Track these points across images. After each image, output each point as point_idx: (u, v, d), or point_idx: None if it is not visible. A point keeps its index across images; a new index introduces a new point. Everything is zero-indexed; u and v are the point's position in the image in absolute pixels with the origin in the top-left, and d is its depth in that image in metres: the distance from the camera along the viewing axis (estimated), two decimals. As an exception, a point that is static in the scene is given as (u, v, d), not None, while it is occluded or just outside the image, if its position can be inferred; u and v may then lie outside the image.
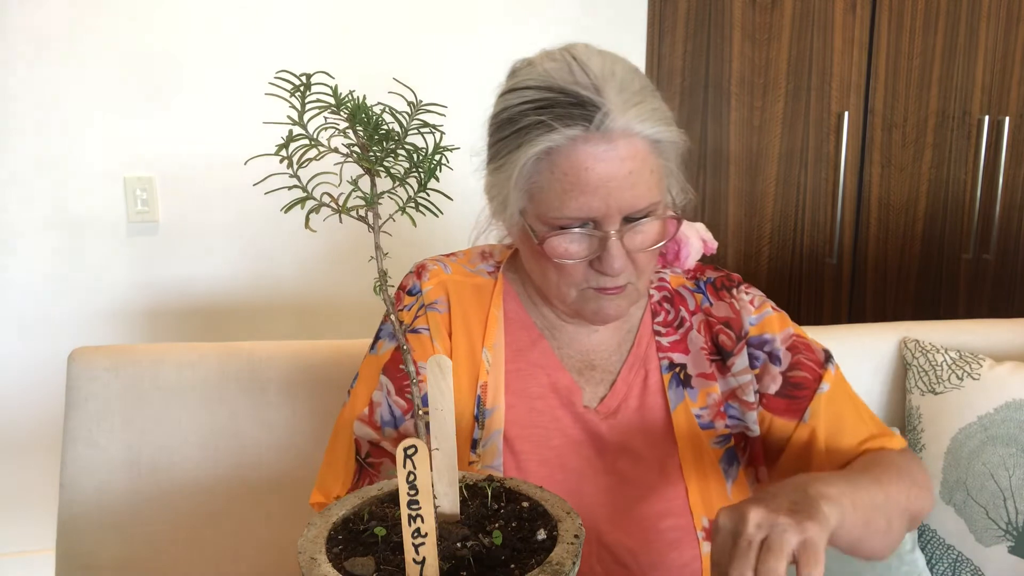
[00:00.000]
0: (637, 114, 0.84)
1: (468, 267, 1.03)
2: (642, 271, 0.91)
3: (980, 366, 1.44)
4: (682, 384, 0.98)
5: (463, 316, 0.98)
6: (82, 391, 1.30)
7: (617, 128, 0.83)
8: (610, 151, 0.83)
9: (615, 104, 0.83)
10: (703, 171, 2.37)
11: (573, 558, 0.59)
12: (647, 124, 0.85)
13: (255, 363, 1.34)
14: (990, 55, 2.40)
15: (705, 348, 0.99)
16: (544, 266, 0.90)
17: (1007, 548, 1.38)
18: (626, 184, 0.84)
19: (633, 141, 0.84)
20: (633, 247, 0.87)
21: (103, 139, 1.99)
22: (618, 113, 0.83)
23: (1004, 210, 2.48)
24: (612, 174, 0.83)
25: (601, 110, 0.82)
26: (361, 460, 0.95)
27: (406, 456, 0.57)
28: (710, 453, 0.96)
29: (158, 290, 2.08)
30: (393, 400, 0.95)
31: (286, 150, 0.60)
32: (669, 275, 1.04)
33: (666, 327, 1.00)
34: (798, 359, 0.98)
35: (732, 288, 1.01)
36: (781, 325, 0.99)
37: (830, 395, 0.97)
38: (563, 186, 0.84)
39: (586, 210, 0.84)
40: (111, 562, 1.29)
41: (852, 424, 0.97)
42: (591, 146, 0.83)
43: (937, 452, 1.43)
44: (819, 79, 2.36)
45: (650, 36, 2.25)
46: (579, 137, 0.83)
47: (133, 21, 1.96)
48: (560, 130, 0.82)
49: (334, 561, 0.59)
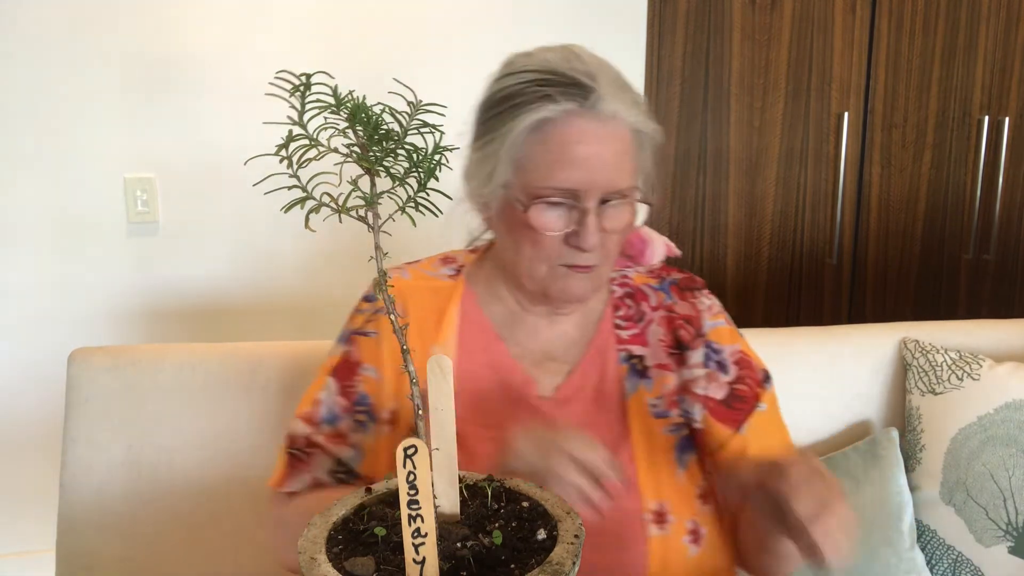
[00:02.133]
0: (625, 102, 0.91)
1: (429, 271, 1.07)
2: (608, 255, 0.96)
3: (980, 366, 1.44)
4: (638, 375, 1.01)
5: (418, 318, 1.02)
6: (82, 391, 1.30)
7: (608, 111, 0.90)
8: (600, 129, 0.90)
9: (607, 90, 0.90)
10: (703, 171, 2.37)
11: (573, 558, 0.59)
12: (632, 113, 0.92)
13: (255, 363, 1.34)
14: (990, 55, 2.40)
15: (664, 341, 1.03)
16: (520, 241, 0.94)
17: (1007, 548, 1.38)
18: (610, 163, 0.90)
19: (620, 126, 0.91)
20: (607, 227, 0.92)
21: (103, 139, 1.99)
22: (610, 98, 0.90)
23: (1004, 210, 2.48)
24: (599, 152, 0.90)
25: (596, 92, 0.89)
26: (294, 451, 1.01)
27: (406, 456, 0.57)
28: (663, 440, 0.99)
29: (158, 290, 2.08)
30: (335, 400, 1.01)
31: (286, 150, 0.60)
32: (633, 273, 1.09)
33: (627, 321, 1.04)
34: (742, 374, 1.03)
35: (695, 290, 1.07)
36: (731, 339, 1.04)
37: (766, 415, 1.02)
38: (553, 156, 0.90)
39: (571, 181, 0.90)
40: (111, 562, 1.29)
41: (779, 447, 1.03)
42: (583, 122, 0.89)
43: (937, 452, 1.43)
44: (819, 80, 2.36)
45: (650, 37, 2.25)
46: (573, 112, 0.89)
47: (133, 21, 1.96)
48: (559, 101, 0.88)
49: (334, 561, 0.59)
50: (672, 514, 0.95)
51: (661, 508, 0.95)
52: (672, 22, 2.27)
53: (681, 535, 0.95)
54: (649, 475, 0.96)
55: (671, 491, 0.96)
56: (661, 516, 0.95)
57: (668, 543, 0.94)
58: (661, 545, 0.93)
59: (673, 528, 0.95)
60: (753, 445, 1.00)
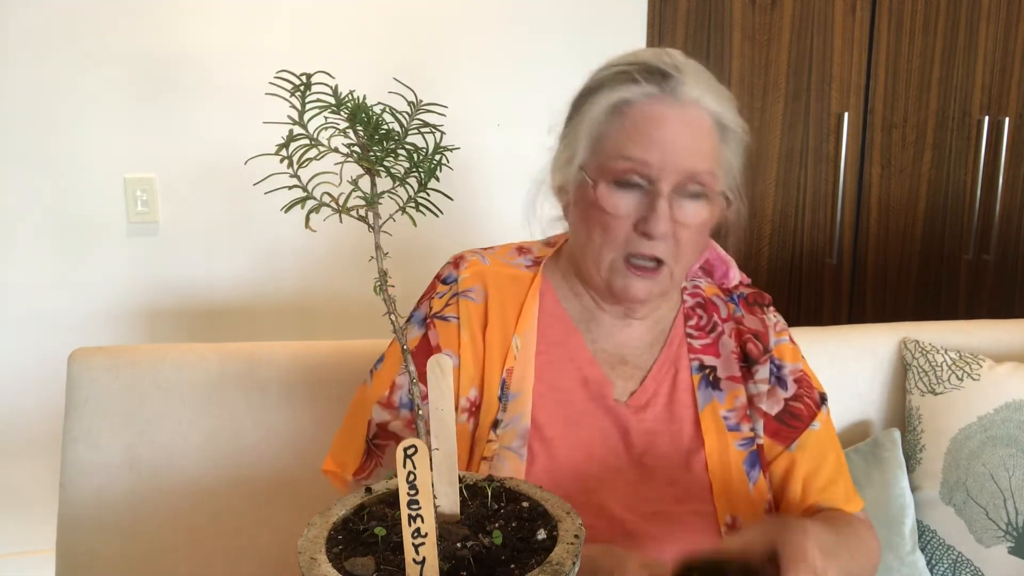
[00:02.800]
0: (708, 91, 0.93)
1: (506, 259, 1.06)
2: (679, 254, 0.94)
3: (980, 366, 1.44)
4: (711, 386, 1.01)
5: (499, 304, 1.00)
6: (82, 391, 1.30)
7: (689, 97, 0.91)
8: (678, 113, 0.91)
9: (691, 79, 0.92)
10: (703, 171, 2.37)
11: (573, 558, 0.59)
12: (715, 101, 0.93)
13: (255, 363, 1.34)
14: (990, 55, 2.40)
15: (735, 353, 1.03)
16: (591, 226, 0.94)
17: (1007, 548, 1.38)
18: (686, 147, 0.90)
19: (701, 113, 0.92)
20: (679, 218, 0.91)
21: (103, 139, 1.99)
22: (692, 85, 0.92)
23: (1004, 210, 2.48)
24: (676, 134, 0.90)
25: (677, 79, 0.91)
26: (369, 442, 0.99)
27: (406, 456, 0.57)
28: (735, 454, 0.98)
29: (158, 290, 2.08)
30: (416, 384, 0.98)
31: (286, 150, 0.60)
32: (704, 284, 1.08)
33: (698, 331, 1.04)
34: (800, 392, 1.03)
35: (763, 306, 1.08)
36: (794, 357, 1.05)
37: (819, 435, 1.03)
38: (628, 134, 0.91)
39: (644, 157, 0.90)
40: (111, 562, 1.29)
41: (831, 469, 1.03)
42: (663, 105, 0.91)
43: (937, 452, 1.43)
44: (819, 80, 2.36)
45: (650, 37, 2.25)
46: (654, 95, 0.91)
47: (133, 22, 1.96)
48: (640, 83, 0.91)
49: (334, 561, 0.59)
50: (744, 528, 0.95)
51: (735, 522, 0.95)
52: (672, 22, 2.27)
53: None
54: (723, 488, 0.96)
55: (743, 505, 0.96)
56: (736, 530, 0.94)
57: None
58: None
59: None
60: (803, 464, 1.01)
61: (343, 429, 1.03)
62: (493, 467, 0.93)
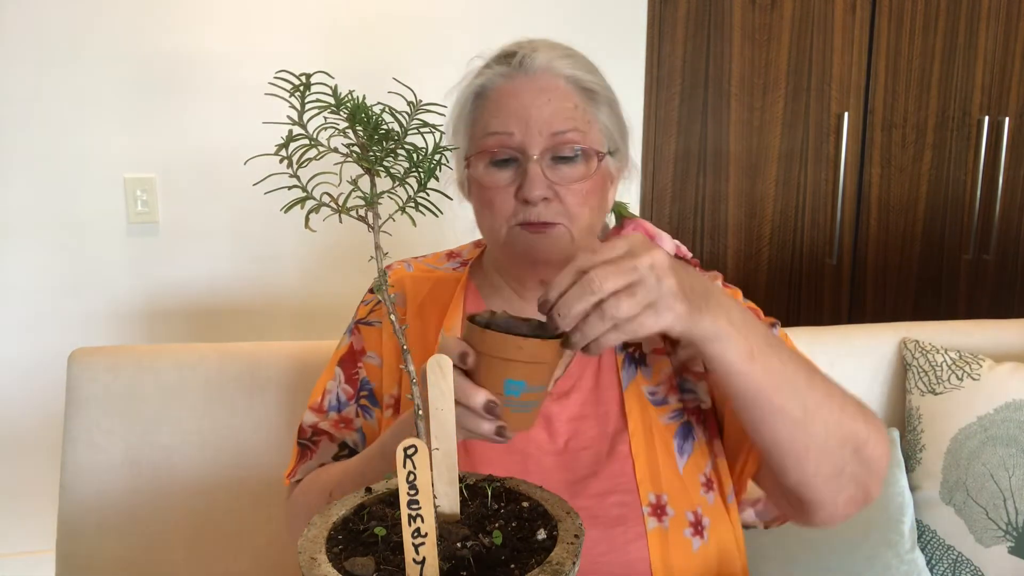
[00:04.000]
0: (560, 57, 0.96)
1: (433, 265, 1.10)
2: (574, 214, 0.95)
3: (980, 366, 1.44)
4: (636, 363, 1.00)
5: (418, 306, 1.05)
6: (82, 391, 1.30)
7: (538, 66, 0.95)
8: (531, 83, 0.95)
9: (541, 52, 0.96)
10: (703, 171, 2.37)
11: (573, 558, 0.59)
12: (569, 66, 0.95)
13: (255, 364, 1.34)
14: (990, 55, 2.40)
15: None
16: (481, 208, 0.98)
17: (1007, 548, 1.38)
18: (544, 111, 0.93)
19: (554, 78, 0.95)
20: (556, 179, 0.93)
21: (103, 139, 1.99)
22: (541, 56, 0.95)
23: (1004, 210, 2.48)
24: (531, 100, 0.93)
25: (523, 52, 0.95)
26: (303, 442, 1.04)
27: (406, 456, 0.57)
28: (662, 430, 0.97)
29: (158, 290, 2.08)
30: (342, 388, 1.05)
31: (286, 150, 0.60)
32: None
33: None
34: None
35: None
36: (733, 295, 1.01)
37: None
38: (491, 113, 0.95)
39: (507, 126, 0.94)
40: (111, 562, 1.29)
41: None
42: (515, 80, 0.95)
43: (937, 452, 1.43)
44: (819, 80, 2.36)
45: (650, 37, 2.25)
46: (505, 74, 0.95)
47: (133, 21, 1.96)
48: (493, 67, 0.96)
49: (334, 561, 0.59)
50: (671, 506, 0.94)
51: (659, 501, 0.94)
52: (672, 22, 2.27)
53: (682, 527, 0.94)
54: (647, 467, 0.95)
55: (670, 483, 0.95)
56: (660, 509, 0.93)
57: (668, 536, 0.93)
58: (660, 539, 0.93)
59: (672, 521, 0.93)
60: None
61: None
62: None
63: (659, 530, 0.93)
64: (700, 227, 2.41)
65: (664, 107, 2.29)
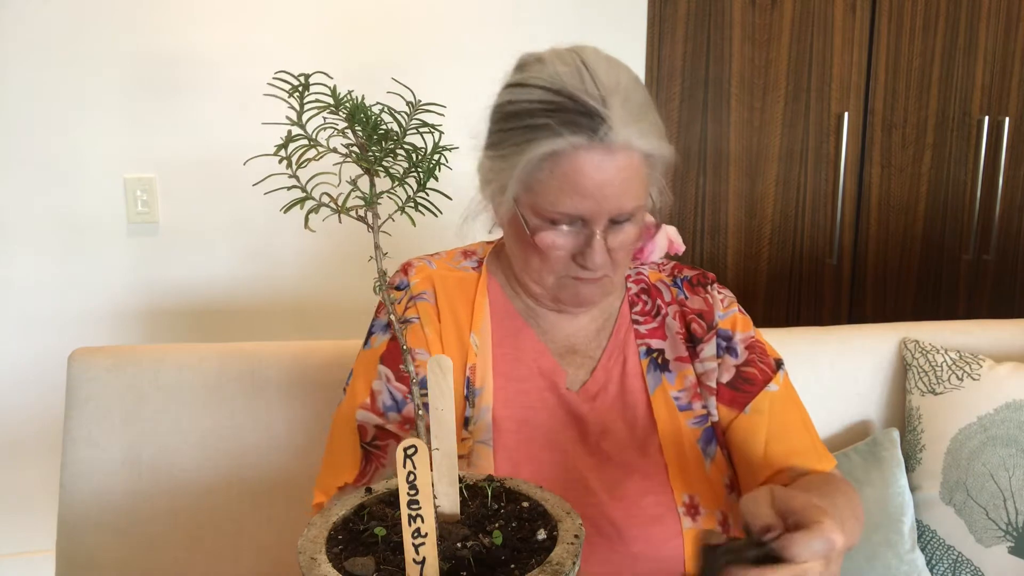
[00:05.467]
0: (638, 130, 0.90)
1: (451, 264, 1.10)
2: (618, 265, 0.97)
3: (980, 367, 1.44)
4: (660, 368, 1.03)
5: (450, 305, 1.04)
6: (82, 391, 1.30)
7: (619, 141, 0.88)
8: (608, 161, 0.89)
9: (618, 118, 0.88)
10: (703, 171, 2.37)
11: (573, 558, 0.59)
12: (645, 140, 0.91)
13: (255, 364, 1.34)
14: (990, 55, 2.40)
15: (681, 334, 1.05)
16: (528, 253, 0.97)
17: (1007, 548, 1.38)
18: (618, 192, 0.91)
19: (631, 154, 0.90)
20: (614, 246, 0.94)
21: (103, 139, 1.99)
22: (621, 127, 0.88)
23: (1004, 210, 2.48)
24: (608, 181, 0.90)
25: (606, 123, 0.87)
26: (367, 445, 0.98)
27: (406, 456, 0.57)
28: (688, 433, 1.01)
29: (158, 290, 2.08)
30: (393, 386, 1.00)
31: (285, 150, 0.60)
32: (648, 270, 1.11)
33: (644, 316, 1.06)
34: (752, 358, 1.04)
35: (707, 285, 1.09)
36: (744, 327, 1.06)
37: (778, 396, 1.02)
38: (561, 185, 0.90)
39: (579, 210, 0.91)
40: (111, 562, 1.29)
41: (797, 431, 1.02)
42: (592, 155, 0.88)
43: (937, 452, 1.43)
44: (819, 80, 2.36)
45: (650, 37, 2.25)
46: (582, 146, 0.88)
47: (133, 21, 1.96)
48: (566, 136, 0.87)
49: (334, 561, 0.59)
50: (703, 506, 0.97)
51: (692, 501, 0.97)
52: (672, 22, 2.27)
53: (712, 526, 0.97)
54: (678, 468, 0.98)
55: (700, 483, 0.98)
56: (694, 508, 0.96)
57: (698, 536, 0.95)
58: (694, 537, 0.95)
59: (704, 520, 0.96)
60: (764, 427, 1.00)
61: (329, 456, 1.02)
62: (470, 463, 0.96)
63: (694, 529, 0.95)
64: (700, 227, 2.41)
65: (664, 107, 2.29)
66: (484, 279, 1.07)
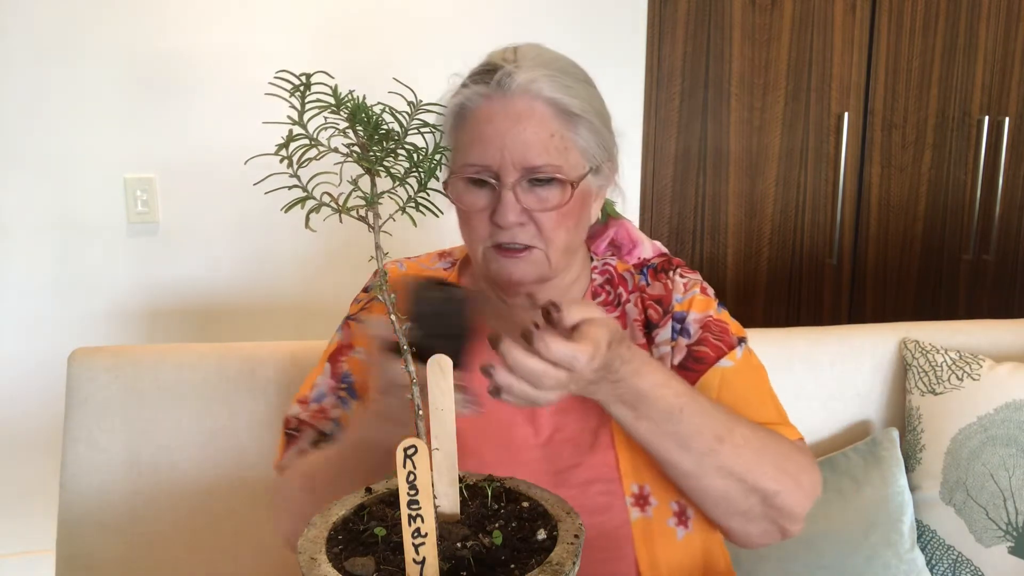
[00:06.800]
0: (541, 77, 0.91)
1: (426, 265, 1.11)
2: (549, 238, 0.95)
3: (980, 367, 1.44)
4: None
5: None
6: (82, 391, 1.30)
7: (516, 87, 0.91)
8: (508, 107, 0.91)
9: (522, 68, 0.91)
10: (703, 172, 2.37)
11: (573, 558, 0.59)
12: (547, 87, 0.91)
13: (254, 363, 1.34)
14: (990, 55, 2.40)
15: (639, 320, 1.04)
16: (462, 223, 0.98)
17: (1007, 548, 1.38)
18: (519, 139, 0.91)
19: (533, 102, 0.91)
20: (531, 205, 0.93)
21: (103, 139, 1.99)
22: (521, 74, 0.91)
23: (1004, 210, 2.48)
24: (510, 128, 0.91)
25: (506, 72, 0.91)
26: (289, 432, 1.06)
27: (406, 456, 0.57)
28: None
29: (158, 290, 2.08)
30: (327, 381, 1.06)
31: (286, 150, 0.60)
32: (616, 262, 1.09)
33: (606, 306, 1.05)
34: (706, 336, 1.01)
35: (669, 271, 1.07)
36: (704, 307, 1.03)
37: (733, 372, 1.00)
38: (469, 137, 0.93)
39: (485, 160, 0.92)
40: (111, 562, 1.29)
41: (752, 405, 0.99)
42: (493, 102, 0.92)
43: (937, 452, 1.43)
44: (819, 80, 2.36)
45: (650, 37, 2.25)
46: (484, 94, 0.92)
47: (134, 21, 1.96)
48: (470, 86, 0.93)
49: (334, 561, 0.59)
50: (654, 496, 0.96)
51: (642, 491, 0.96)
52: (672, 22, 2.27)
53: (666, 517, 0.96)
54: (629, 459, 0.97)
55: (652, 473, 0.96)
56: (643, 499, 0.95)
57: (651, 526, 0.95)
58: (644, 528, 0.94)
59: (656, 511, 0.95)
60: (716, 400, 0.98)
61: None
62: None
63: (642, 520, 0.95)
64: (700, 227, 2.41)
65: (664, 107, 2.29)
66: (453, 279, 1.07)
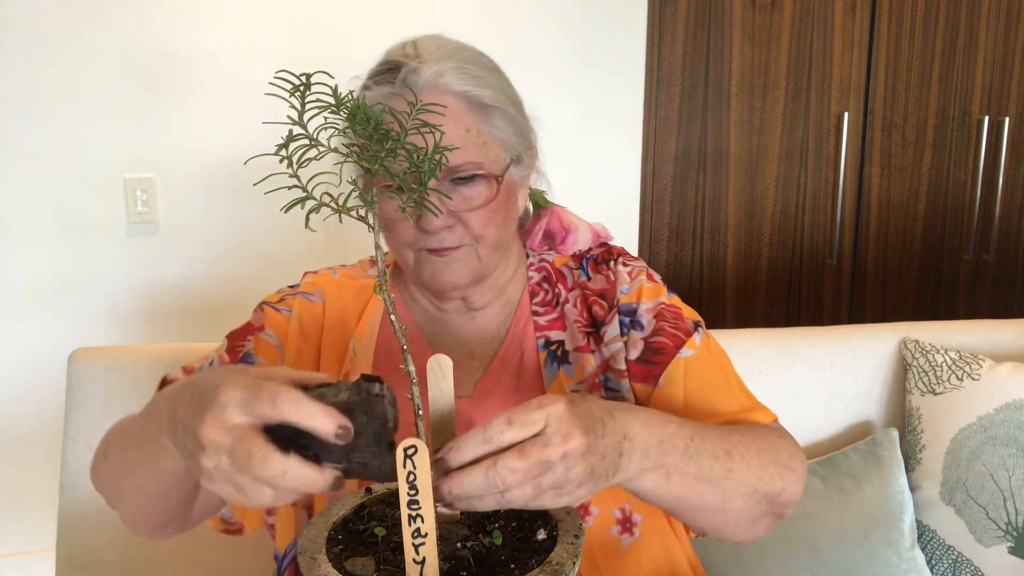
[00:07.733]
0: (448, 70, 0.85)
1: (358, 272, 1.07)
2: (479, 235, 0.90)
3: (980, 367, 1.44)
4: (558, 361, 0.96)
5: (340, 311, 1.01)
6: (82, 391, 1.30)
7: (422, 83, 0.85)
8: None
9: (425, 62, 0.85)
10: (703, 172, 2.37)
11: (573, 558, 0.59)
12: (456, 80, 0.85)
13: (255, 363, 1.34)
14: (990, 55, 2.40)
15: (580, 321, 0.98)
16: (387, 231, 0.91)
17: (1007, 548, 1.38)
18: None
19: (442, 98, 0.85)
20: (456, 207, 0.87)
21: (103, 139, 2.00)
22: (425, 69, 0.85)
23: (1004, 210, 2.48)
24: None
25: (406, 66, 0.85)
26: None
27: (406, 456, 0.57)
28: None
29: (158, 290, 2.08)
30: (219, 355, 1.02)
31: (286, 150, 0.60)
32: (553, 256, 1.04)
33: (544, 306, 1.00)
34: (661, 326, 0.95)
35: (610, 261, 1.00)
36: (654, 294, 0.97)
37: (695, 360, 0.94)
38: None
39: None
40: (111, 562, 1.29)
41: (721, 394, 0.94)
42: (400, 101, 0.83)
43: (937, 452, 1.43)
44: (819, 80, 2.36)
45: (650, 37, 2.25)
46: (389, 94, 0.85)
47: (134, 21, 1.96)
48: (373, 88, 0.86)
49: (334, 561, 0.59)
50: (595, 505, 0.90)
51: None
52: (672, 22, 2.27)
53: (608, 526, 0.91)
54: None
55: None
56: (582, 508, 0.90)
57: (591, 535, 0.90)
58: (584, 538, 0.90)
59: (597, 519, 0.90)
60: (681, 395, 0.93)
61: None
62: None
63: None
64: (700, 227, 2.41)
65: (664, 107, 2.29)
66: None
